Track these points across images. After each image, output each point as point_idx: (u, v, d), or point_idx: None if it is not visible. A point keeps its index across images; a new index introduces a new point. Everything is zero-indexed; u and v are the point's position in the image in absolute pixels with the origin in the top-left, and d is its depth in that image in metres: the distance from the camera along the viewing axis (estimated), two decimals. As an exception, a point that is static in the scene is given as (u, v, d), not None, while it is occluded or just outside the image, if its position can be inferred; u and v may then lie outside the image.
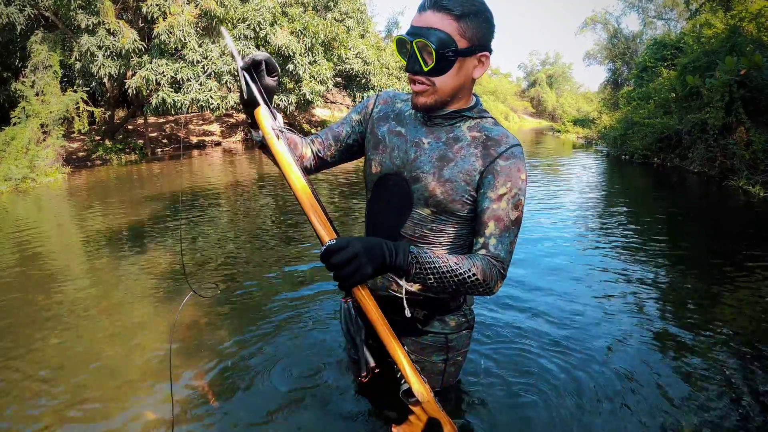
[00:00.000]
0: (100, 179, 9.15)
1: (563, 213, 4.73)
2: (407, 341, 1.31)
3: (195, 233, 4.28)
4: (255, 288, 2.81)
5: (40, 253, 3.83)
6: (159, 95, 11.02)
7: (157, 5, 10.78)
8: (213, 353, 2.02)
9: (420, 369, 1.29)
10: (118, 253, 3.73)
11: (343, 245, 0.95)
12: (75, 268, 3.45)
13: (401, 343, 1.15)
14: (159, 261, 3.41)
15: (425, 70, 1.07)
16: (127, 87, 11.18)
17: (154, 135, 15.67)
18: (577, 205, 5.13)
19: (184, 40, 10.94)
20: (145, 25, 11.78)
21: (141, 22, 11.75)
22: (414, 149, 1.18)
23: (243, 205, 5.76)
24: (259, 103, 1.03)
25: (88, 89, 11.36)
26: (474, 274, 1.06)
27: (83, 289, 2.94)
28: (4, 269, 3.43)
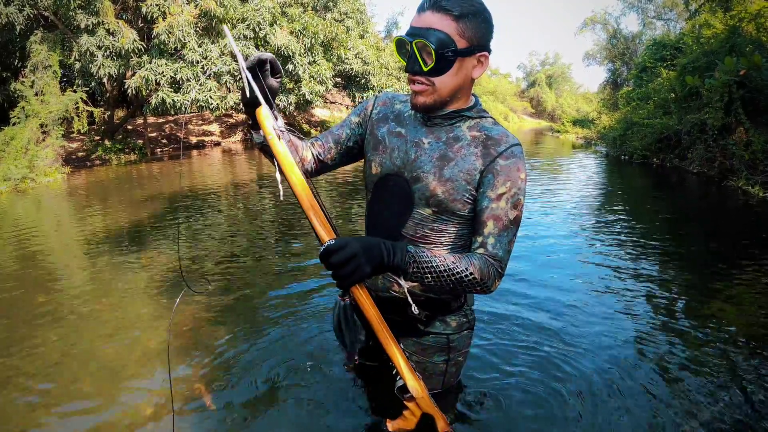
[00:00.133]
0: (99, 179, 9.14)
1: (562, 213, 4.73)
2: (409, 342, 1.31)
3: (194, 232, 4.28)
4: (253, 286, 2.81)
5: (39, 253, 3.83)
6: (158, 95, 11.02)
7: (156, 5, 10.77)
8: (211, 351, 2.02)
9: (421, 370, 1.30)
10: (116, 252, 3.74)
11: (342, 245, 0.96)
12: (74, 267, 3.45)
13: (402, 344, 1.17)
14: (158, 260, 3.42)
15: (425, 70, 1.07)
16: (126, 87, 11.17)
17: (154, 135, 15.67)
18: (576, 205, 5.13)
19: (184, 40, 10.93)
20: (144, 25, 11.78)
21: (140, 22, 11.75)
22: (414, 149, 1.18)
23: (242, 205, 5.76)
24: (260, 103, 1.03)
25: (88, 89, 11.35)
26: (471, 273, 1.07)
27: (82, 287, 2.94)
28: (4, 269, 3.43)
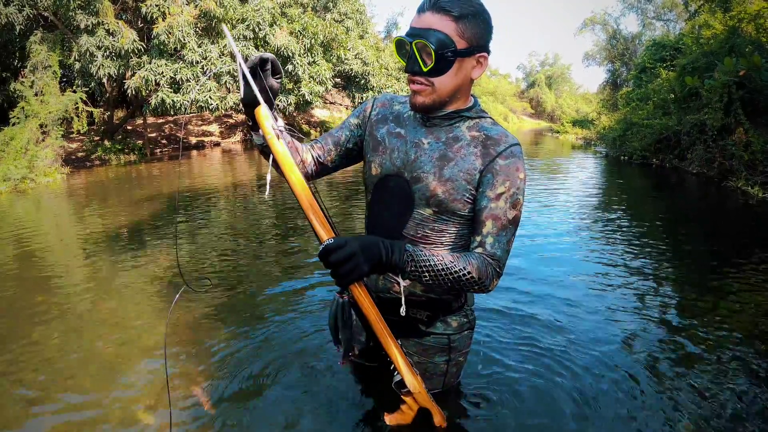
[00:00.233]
0: (99, 179, 9.14)
1: (562, 213, 4.73)
2: (410, 343, 1.32)
3: (193, 232, 4.28)
4: (251, 285, 2.81)
5: (39, 252, 3.83)
6: (158, 95, 11.02)
7: (156, 6, 10.77)
8: (208, 349, 2.02)
9: (422, 371, 1.31)
10: (115, 252, 3.73)
11: (341, 244, 0.97)
12: (73, 266, 3.45)
13: (404, 344, 1.20)
14: (157, 260, 3.42)
15: (424, 70, 1.08)
16: (126, 87, 11.17)
17: (153, 135, 15.67)
18: (576, 206, 5.13)
19: (184, 40, 10.93)
20: (144, 26, 11.77)
21: (140, 22, 11.74)
22: (414, 150, 1.19)
23: (241, 205, 5.76)
24: (260, 102, 1.04)
25: (88, 89, 11.35)
26: (469, 272, 1.08)
27: (81, 287, 2.94)
28: (3, 268, 3.43)
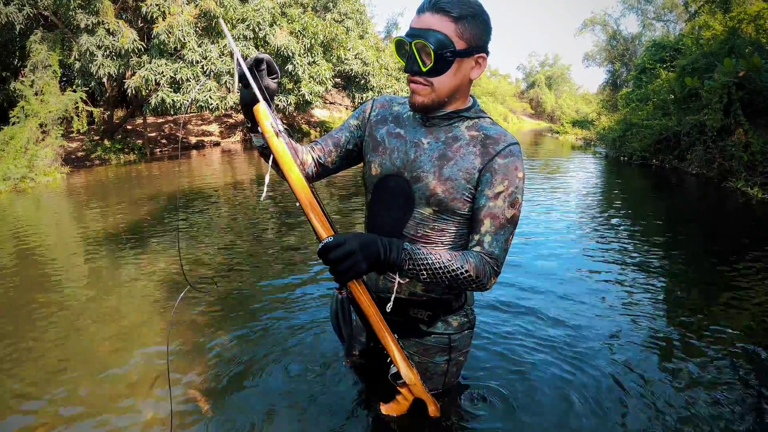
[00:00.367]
0: (98, 179, 9.14)
1: (561, 213, 4.74)
2: (410, 343, 1.33)
3: (193, 232, 4.28)
4: (252, 286, 2.81)
5: (39, 252, 3.83)
6: (158, 95, 11.02)
7: (156, 5, 10.77)
8: (211, 351, 2.02)
9: (423, 370, 1.32)
10: (116, 252, 3.74)
11: (341, 242, 0.99)
12: (73, 267, 3.45)
13: (404, 344, 1.23)
14: (157, 260, 3.42)
15: (424, 70, 1.08)
16: (126, 87, 11.16)
17: (153, 135, 15.66)
18: (575, 206, 5.14)
19: (184, 40, 10.93)
20: (144, 25, 11.77)
21: (140, 22, 11.74)
22: (414, 149, 1.20)
23: (241, 205, 5.77)
24: (258, 100, 1.04)
25: (88, 89, 11.34)
26: (466, 271, 1.10)
27: (81, 287, 2.94)
28: (3, 268, 3.43)
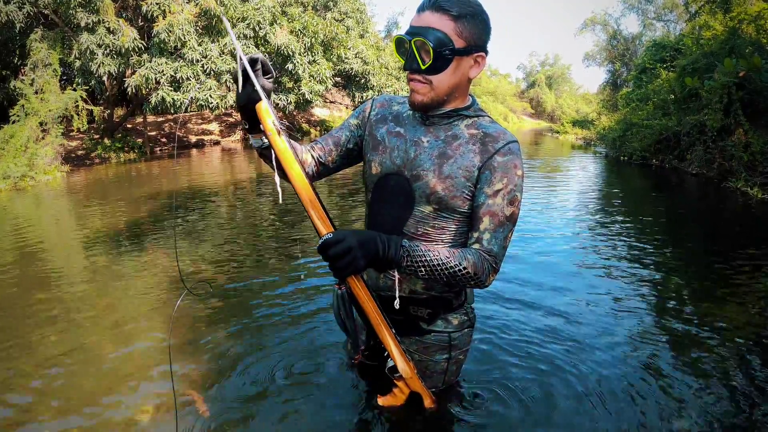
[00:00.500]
0: (98, 178, 9.15)
1: (561, 213, 4.74)
2: (411, 341, 1.33)
3: (192, 231, 4.28)
4: (252, 284, 2.82)
5: (39, 251, 3.83)
6: (158, 94, 11.02)
7: (156, 4, 10.77)
8: (209, 350, 2.02)
9: (423, 368, 1.33)
10: (116, 251, 3.74)
11: (340, 238, 1.00)
12: (73, 265, 3.45)
13: (404, 343, 1.24)
14: (157, 259, 3.42)
15: (423, 68, 1.09)
16: (126, 85, 11.16)
17: (153, 134, 15.66)
18: (575, 206, 5.14)
19: (184, 38, 10.93)
20: (144, 24, 11.77)
21: (141, 20, 11.74)
22: (414, 148, 1.20)
23: (241, 204, 5.77)
24: (260, 98, 1.04)
25: (88, 87, 11.34)
26: (465, 268, 1.10)
27: (81, 286, 2.95)
28: (2, 267, 3.43)
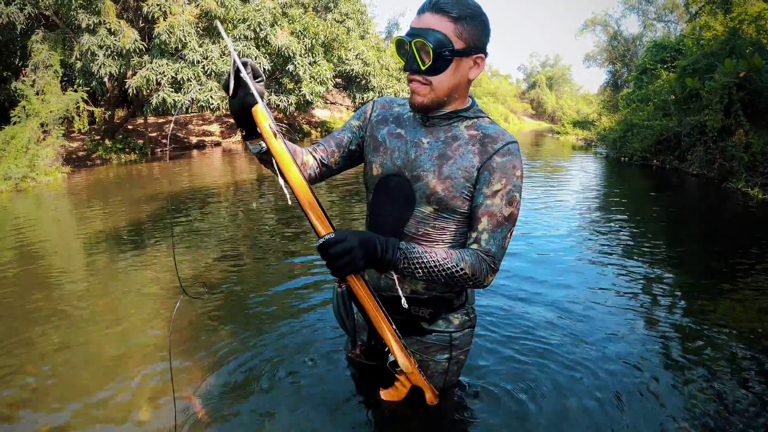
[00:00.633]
0: (99, 179, 9.16)
1: (562, 214, 4.74)
2: (412, 341, 1.34)
3: (192, 232, 4.29)
4: (251, 285, 2.82)
5: (39, 252, 3.84)
6: (159, 95, 11.03)
7: (157, 5, 10.79)
8: (209, 350, 2.02)
9: (424, 368, 1.34)
10: (116, 251, 3.74)
11: (341, 239, 1.02)
12: (74, 266, 3.45)
13: (405, 343, 1.24)
14: (157, 259, 3.42)
15: (423, 69, 1.10)
16: (127, 87, 11.17)
17: (154, 135, 15.67)
18: (576, 206, 5.14)
19: (185, 40, 10.95)
20: (145, 25, 11.79)
21: (142, 21, 11.76)
22: (414, 149, 1.21)
23: (241, 205, 5.77)
24: (255, 101, 1.04)
25: (89, 89, 11.35)
26: (462, 269, 1.11)
27: (81, 286, 2.95)
28: (3, 267, 3.44)
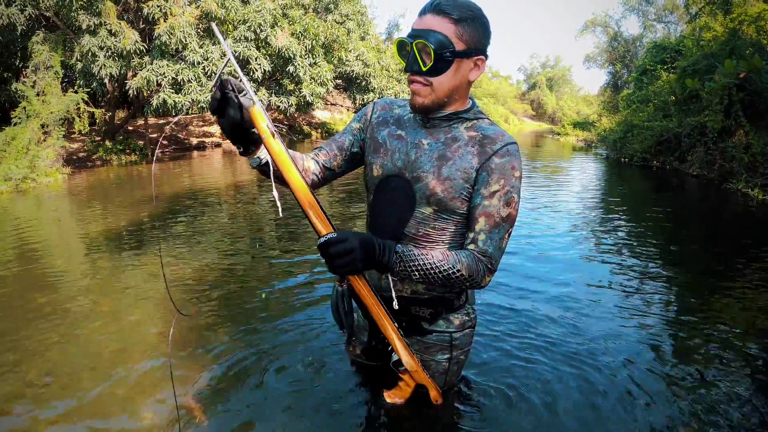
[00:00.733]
0: (100, 180, 9.16)
1: (562, 214, 4.74)
2: (412, 341, 1.34)
3: (192, 233, 4.29)
4: (251, 285, 2.82)
5: (39, 253, 3.84)
6: (159, 96, 11.04)
7: (158, 6, 10.80)
8: (209, 350, 2.02)
9: (424, 369, 1.33)
10: (116, 252, 3.74)
11: (342, 239, 1.03)
12: (74, 267, 3.45)
13: (407, 342, 1.25)
14: (156, 259, 3.42)
15: (423, 70, 1.10)
16: (127, 88, 11.18)
17: (155, 136, 15.69)
18: (576, 207, 5.14)
19: (185, 41, 10.96)
20: (146, 26, 11.80)
21: (142, 23, 11.78)
22: (414, 150, 1.21)
23: (241, 205, 5.78)
24: (254, 102, 1.05)
25: (89, 90, 11.35)
26: (458, 270, 1.12)
27: (81, 287, 2.95)
28: (3, 268, 3.44)
